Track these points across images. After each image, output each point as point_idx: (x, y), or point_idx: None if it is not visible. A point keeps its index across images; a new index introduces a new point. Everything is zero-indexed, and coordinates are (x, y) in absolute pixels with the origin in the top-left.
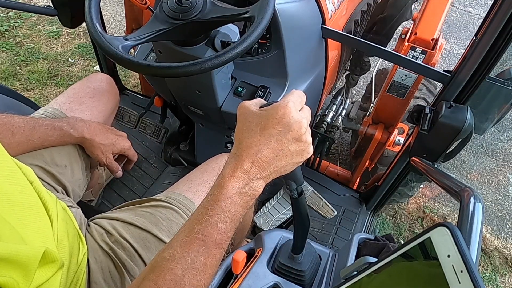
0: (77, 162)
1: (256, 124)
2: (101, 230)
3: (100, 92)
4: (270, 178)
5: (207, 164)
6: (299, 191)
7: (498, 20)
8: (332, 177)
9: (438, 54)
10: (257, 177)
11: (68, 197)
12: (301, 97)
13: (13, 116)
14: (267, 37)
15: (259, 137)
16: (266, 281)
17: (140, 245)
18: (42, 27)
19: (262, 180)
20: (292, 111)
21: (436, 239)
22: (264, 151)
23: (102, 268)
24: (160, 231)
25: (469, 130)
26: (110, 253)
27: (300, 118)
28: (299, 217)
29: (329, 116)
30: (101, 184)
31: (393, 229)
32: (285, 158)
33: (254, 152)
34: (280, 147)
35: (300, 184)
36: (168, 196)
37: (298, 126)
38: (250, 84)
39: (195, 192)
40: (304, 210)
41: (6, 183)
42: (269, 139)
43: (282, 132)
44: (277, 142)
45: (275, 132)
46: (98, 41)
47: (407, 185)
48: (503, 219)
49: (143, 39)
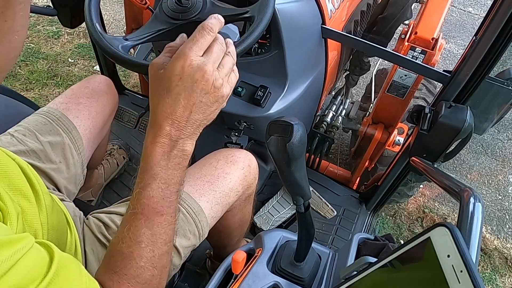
0: (72, 157)
1: (162, 87)
2: (99, 223)
3: (98, 93)
4: (196, 133)
5: (206, 159)
6: (306, 205)
7: (498, 20)
8: (332, 177)
9: (438, 54)
10: (180, 137)
11: (61, 193)
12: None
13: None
14: (267, 37)
15: (167, 99)
16: (266, 281)
17: None
18: (42, 27)
19: (188, 138)
20: (192, 60)
21: (436, 239)
22: (178, 111)
23: (99, 259)
24: None
25: (468, 130)
26: (107, 244)
27: (200, 64)
28: (304, 230)
29: (329, 116)
30: (101, 184)
31: (393, 229)
32: (201, 110)
33: (168, 114)
34: (190, 102)
35: (307, 199)
36: None
37: (200, 75)
38: (250, 84)
39: (193, 185)
40: (310, 223)
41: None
42: (177, 98)
43: (188, 87)
44: (186, 98)
45: (180, 89)
46: (98, 41)
47: (407, 185)
48: (503, 219)
49: (143, 39)
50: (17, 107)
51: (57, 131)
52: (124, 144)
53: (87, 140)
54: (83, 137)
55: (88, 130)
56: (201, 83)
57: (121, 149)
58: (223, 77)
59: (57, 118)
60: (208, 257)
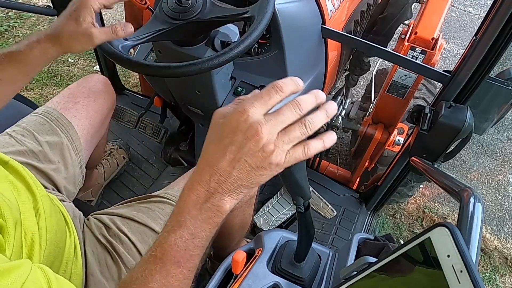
0: (70, 157)
1: (215, 135)
2: (100, 224)
3: (95, 92)
4: (236, 193)
5: None
6: (306, 205)
7: (498, 20)
8: (332, 177)
9: (438, 54)
10: (218, 191)
11: (60, 193)
12: (269, 95)
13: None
14: (267, 37)
15: (216, 148)
16: (266, 281)
17: (138, 238)
18: (42, 27)
19: (226, 195)
20: (249, 116)
21: (436, 239)
22: (221, 163)
23: (99, 261)
24: (158, 225)
25: (468, 130)
26: (108, 246)
27: (256, 122)
28: (304, 230)
29: None
30: (101, 184)
31: (393, 229)
32: (245, 171)
33: (211, 163)
34: (236, 158)
35: (308, 199)
36: (167, 192)
37: (252, 133)
38: (250, 84)
39: None
40: (310, 223)
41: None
42: (225, 150)
43: (237, 142)
44: (233, 153)
45: (229, 142)
46: None
47: (407, 185)
48: (503, 219)
49: (143, 39)
50: (17, 107)
51: (55, 131)
52: (124, 144)
53: (85, 139)
54: (81, 137)
55: (86, 130)
56: (251, 143)
57: (121, 149)
58: (281, 144)
59: (55, 118)
60: (208, 257)
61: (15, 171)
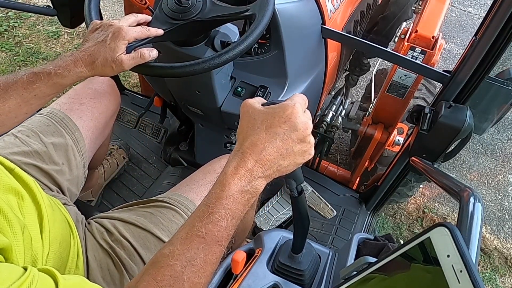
0: (75, 158)
1: (262, 122)
2: (102, 229)
3: (101, 93)
4: (272, 177)
5: (210, 165)
6: (299, 190)
7: (497, 20)
8: (332, 177)
9: (437, 54)
10: (259, 176)
11: (64, 196)
12: (305, 100)
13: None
14: (267, 37)
15: (264, 135)
16: (266, 281)
17: (140, 244)
18: (41, 27)
19: (264, 179)
20: (299, 112)
21: (435, 239)
22: (269, 150)
23: (101, 266)
24: (160, 230)
25: (468, 130)
26: (110, 251)
27: (306, 119)
28: (299, 216)
29: (328, 116)
30: (101, 184)
31: (392, 229)
32: (288, 158)
33: (259, 150)
34: (285, 146)
35: (300, 183)
36: (169, 196)
37: (304, 127)
38: (250, 84)
39: (197, 193)
40: (304, 209)
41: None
42: (274, 138)
43: (288, 132)
44: (283, 141)
45: (281, 131)
46: None
47: (407, 185)
48: (502, 219)
49: (144, 40)
50: None
51: (60, 133)
52: (124, 144)
53: (90, 141)
54: (85, 138)
55: (90, 131)
56: (301, 134)
57: (121, 149)
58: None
59: (60, 119)
60: None
61: (20, 179)
